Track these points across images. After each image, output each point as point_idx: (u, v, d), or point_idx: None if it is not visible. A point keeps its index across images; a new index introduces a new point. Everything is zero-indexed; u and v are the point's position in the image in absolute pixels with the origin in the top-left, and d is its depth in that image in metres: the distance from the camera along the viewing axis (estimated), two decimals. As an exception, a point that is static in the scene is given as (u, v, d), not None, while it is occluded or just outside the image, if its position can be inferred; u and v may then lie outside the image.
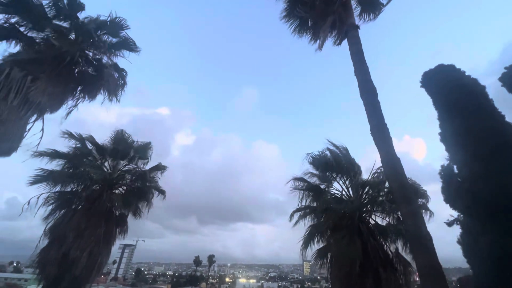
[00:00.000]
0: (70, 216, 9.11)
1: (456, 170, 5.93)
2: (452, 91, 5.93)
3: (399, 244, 8.48)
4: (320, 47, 9.01)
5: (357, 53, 7.17)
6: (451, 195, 5.70)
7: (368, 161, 10.25)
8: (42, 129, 7.10)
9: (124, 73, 8.99)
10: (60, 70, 7.16)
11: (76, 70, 7.96)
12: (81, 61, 8.09)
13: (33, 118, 6.83)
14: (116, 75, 8.74)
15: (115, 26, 8.57)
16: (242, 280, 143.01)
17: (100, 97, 8.60)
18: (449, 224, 6.16)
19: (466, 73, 6.62)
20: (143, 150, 11.57)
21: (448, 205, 6.19)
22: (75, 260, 8.34)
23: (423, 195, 8.81)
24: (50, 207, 9.29)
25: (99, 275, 11.67)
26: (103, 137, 11.09)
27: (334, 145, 10.05)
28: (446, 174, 6.09)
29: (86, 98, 8.14)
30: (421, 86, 7.02)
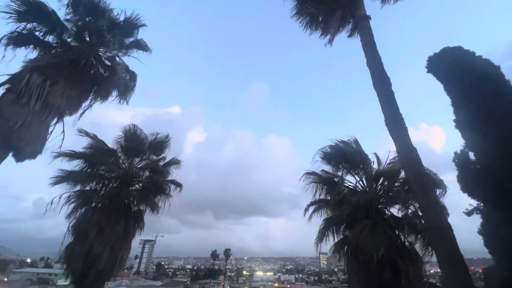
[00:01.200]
0: (90, 213, 9.52)
1: (473, 157, 5.64)
2: (463, 75, 5.56)
3: (415, 236, 8.30)
4: (330, 41, 9.05)
5: (368, 43, 6.96)
6: (469, 184, 5.44)
7: (383, 152, 10.00)
8: (63, 132, 7.40)
9: (135, 75, 9.15)
10: (76, 73, 7.38)
11: (91, 72, 8.15)
12: (94, 62, 8.29)
13: (54, 121, 7.09)
14: (127, 76, 8.90)
15: (129, 25, 8.68)
16: (259, 273, 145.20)
17: (111, 98, 8.79)
18: (469, 213, 5.91)
19: (478, 55, 6.16)
20: (159, 146, 11.76)
21: (466, 194, 5.94)
22: (98, 255, 8.74)
23: (440, 184, 8.51)
24: (72, 206, 9.73)
25: (122, 269, 12.20)
26: (116, 137, 11.38)
27: (343, 141, 9.90)
28: (461, 162, 5.81)
29: (99, 99, 8.35)
30: (428, 72, 6.65)
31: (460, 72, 5.62)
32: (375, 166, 9.79)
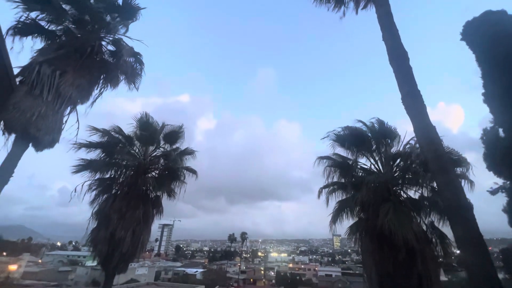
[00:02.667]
0: (112, 200, 9.99)
1: (502, 134, 5.31)
2: (501, 43, 5.07)
3: (434, 217, 8.16)
4: (344, 14, 8.61)
5: (385, 15, 6.52)
6: (496, 161, 5.17)
7: (399, 133, 9.64)
8: (78, 121, 7.58)
9: (140, 56, 8.98)
10: (83, 61, 7.43)
11: (98, 59, 8.17)
12: (99, 49, 8.26)
13: (67, 111, 7.25)
14: (133, 59, 8.84)
15: (128, 7, 8.45)
16: (274, 254, 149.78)
17: (121, 86, 8.78)
18: (493, 192, 5.67)
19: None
20: (173, 135, 12.00)
21: (491, 172, 5.68)
22: (121, 239, 9.25)
23: (463, 163, 8.19)
24: (94, 193, 10.25)
25: (144, 252, 12.90)
26: (130, 126, 11.63)
27: (361, 121, 9.62)
28: (489, 139, 5.50)
29: (109, 87, 8.37)
30: (462, 39, 6.11)
31: (496, 40, 5.13)
32: (397, 146, 9.50)
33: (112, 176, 10.81)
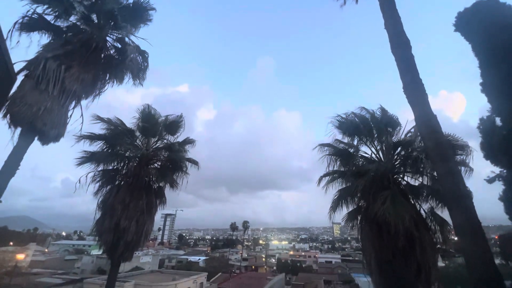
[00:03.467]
0: (115, 191, 10.15)
1: (499, 123, 5.32)
2: (496, 33, 5.00)
3: (433, 204, 8.26)
4: (345, 1, 8.41)
5: (387, 2, 6.38)
6: (493, 150, 5.21)
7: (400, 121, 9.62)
8: (82, 115, 7.64)
9: (147, 55, 9.03)
10: (88, 57, 7.45)
11: (103, 55, 8.18)
12: (105, 45, 8.28)
13: (72, 105, 7.31)
14: (139, 57, 8.83)
15: (138, 8, 8.49)
16: (275, 242, 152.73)
17: (125, 80, 8.82)
18: (490, 180, 5.73)
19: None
20: (174, 126, 12.06)
21: (488, 161, 5.73)
22: (125, 228, 9.45)
23: (463, 148, 8.18)
24: (98, 184, 10.39)
25: (148, 241, 13.20)
26: (131, 118, 11.67)
27: (364, 108, 9.55)
28: (486, 128, 5.51)
29: (115, 82, 8.42)
30: (455, 30, 6.03)
31: (491, 30, 5.07)
32: (398, 134, 9.50)
33: (115, 167, 10.94)
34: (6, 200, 6.03)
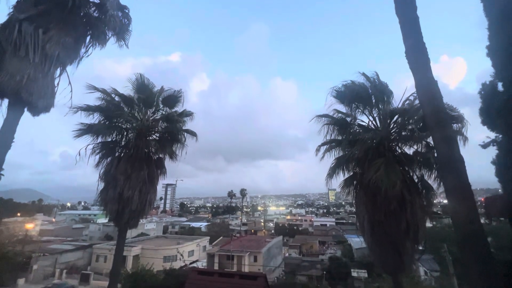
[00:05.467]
0: (116, 162, 10.30)
1: (501, 88, 5.29)
2: None
3: (424, 171, 8.53)
4: None
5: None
6: (492, 115, 5.26)
7: (398, 90, 9.53)
8: (70, 83, 7.30)
9: (127, 11, 8.35)
10: (66, 17, 6.86)
11: (82, 14, 7.55)
12: (82, 2, 7.56)
13: (57, 73, 6.94)
14: (120, 13, 8.19)
15: None
16: (273, 208, 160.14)
17: (109, 42, 8.26)
18: (485, 146, 5.89)
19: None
20: (172, 99, 11.81)
21: (485, 127, 5.81)
22: (129, 198, 9.80)
23: (458, 119, 8.29)
24: (98, 156, 10.50)
25: (151, 209, 13.74)
26: (124, 89, 11.33)
27: (363, 74, 9.30)
28: (487, 93, 5.49)
29: (97, 45, 7.90)
30: None
31: None
32: (393, 103, 9.46)
33: (114, 139, 10.95)
34: (7, 173, 6.10)
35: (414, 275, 13.51)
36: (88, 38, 7.70)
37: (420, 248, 8.52)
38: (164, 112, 11.85)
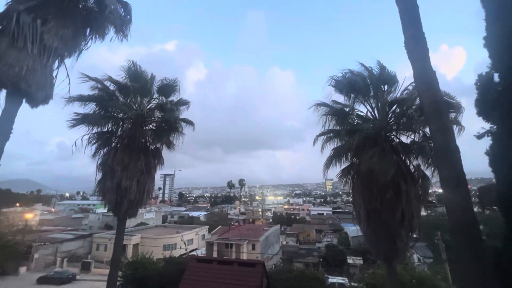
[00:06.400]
0: (113, 153, 10.27)
1: (497, 79, 5.30)
2: None
3: (421, 160, 8.63)
4: None
5: None
6: (488, 106, 5.29)
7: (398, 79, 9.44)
8: (68, 76, 7.26)
9: (128, 6, 8.24)
10: (64, 9, 6.79)
11: (80, 6, 7.45)
12: None
13: (56, 65, 6.91)
14: (121, 9, 8.07)
15: None
16: (271, 198, 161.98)
17: (108, 36, 8.18)
18: (479, 136, 5.95)
19: None
20: (167, 88, 11.67)
21: (481, 118, 5.85)
22: (127, 188, 9.84)
23: (456, 107, 8.30)
24: (94, 147, 10.46)
25: (150, 199, 13.84)
26: (118, 78, 11.09)
27: (361, 63, 9.22)
28: (483, 84, 5.50)
29: (97, 38, 7.81)
30: None
31: None
32: (393, 92, 9.43)
33: (110, 129, 10.85)
34: (4, 164, 6.11)
35: (408, 261, 13.90)
36: (87, 30, 7.62)
37: (415, 236, 8.74)
38: (159, 101, 11.73)
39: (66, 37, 6.70)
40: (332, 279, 18.38)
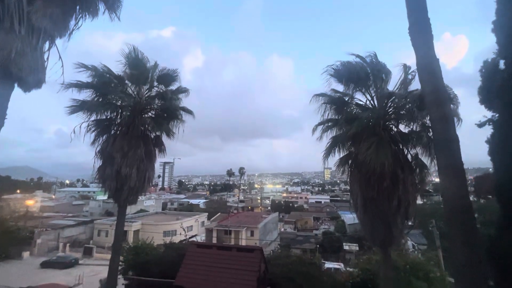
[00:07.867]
0: (112, 140, 10.23)
1: (502, 66, 5.22)
2: None
3: (419, 149, 8.66)
4: None
5: None
6: (491, 94, 5.24)
7: (394, 70, 9.32)
8: (60, 58, 7.01)
9: None
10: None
11: None
12: None
13: (46, 47, 6.66)
14: None
15: None
16: (269, 186, 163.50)
17: (100, 14, 7.80)
18: (481, 125, 5.94)
19: None
20: (167, 77, 11.51)
21: (483, 106, 5.82)
22: (127, 175, 9.88)
23: (454, 99, 8.27)
24: (93, 134, 10.40)
25: (150, 186, 13.92)
26: (116, 63, 10.88)
27: (358, 55, 9.07)
28: (488, 71, 5.42)
29: (87, 16, 7.46)
30: None
31: None
32: (390, 83, 9.33)
33: (109, 117, 10.77)
34: (2, 151, 6.06)
35: (403, 248, 14.27)
36: (77, 8, 7.27)
37: (410, 223, 8.90)
38: (159, 90, 11.60)
39: (55, 16, 6.36)
40: (329, 265, 18.87)
